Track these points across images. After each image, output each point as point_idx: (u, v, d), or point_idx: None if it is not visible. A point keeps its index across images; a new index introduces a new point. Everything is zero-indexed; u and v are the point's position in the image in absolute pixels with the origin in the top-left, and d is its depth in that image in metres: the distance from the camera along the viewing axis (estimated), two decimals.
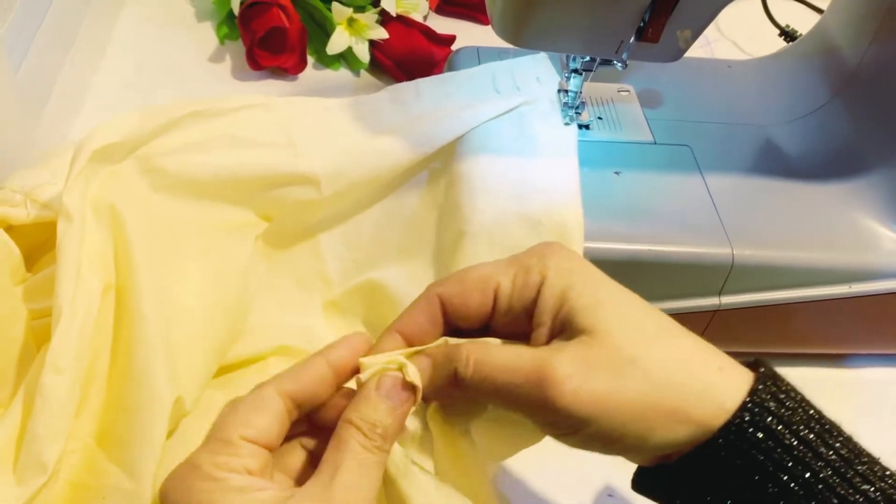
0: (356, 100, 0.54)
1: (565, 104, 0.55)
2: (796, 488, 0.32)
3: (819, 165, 0.56)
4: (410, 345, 0.36)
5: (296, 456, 0.35)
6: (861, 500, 0.32)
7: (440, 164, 0.52)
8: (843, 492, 0.32)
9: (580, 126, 0.57)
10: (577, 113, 0.55)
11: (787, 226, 0.53)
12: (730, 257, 0.50)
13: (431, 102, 0.54)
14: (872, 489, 0.32)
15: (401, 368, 0.34)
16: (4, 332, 0.43)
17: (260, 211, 0.51)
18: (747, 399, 0.33)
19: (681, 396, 0.33)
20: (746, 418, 0.33)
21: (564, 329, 0.34)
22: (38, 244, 0.48)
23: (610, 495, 0.51)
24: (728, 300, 0.52)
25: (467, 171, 0.50)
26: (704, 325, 0.53)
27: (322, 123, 0.51)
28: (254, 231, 0.50)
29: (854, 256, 0.52)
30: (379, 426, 0.33)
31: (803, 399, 0.34)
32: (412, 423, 0.36)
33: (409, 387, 0.34)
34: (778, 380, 0.34)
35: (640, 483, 0.38)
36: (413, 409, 0.35)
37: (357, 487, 0.32)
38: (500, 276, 0.36)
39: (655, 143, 0.57)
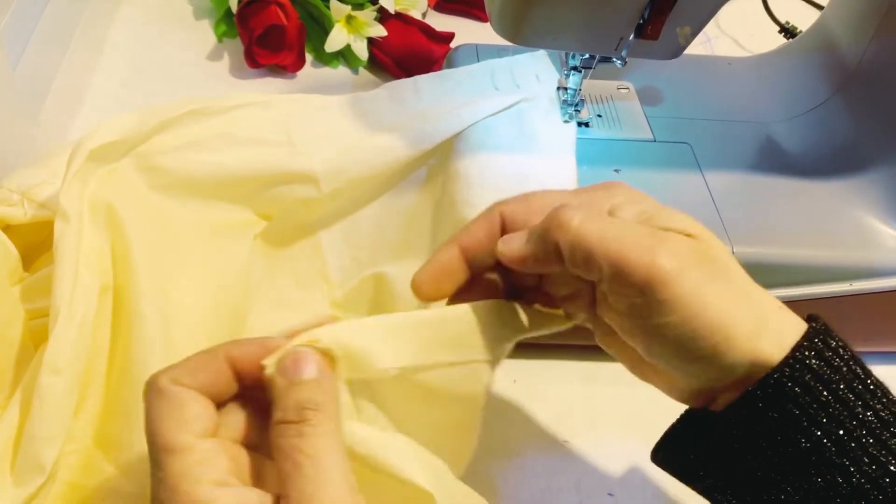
0: (355, 97, 0.54)
1: (564, 102, 0.55)
2: (829, 445, 0.33)
3: (819, 163, 0.55)
4: (468, 259, 0.36)
5: (237, 414, 0.33)
6: (893, 461, 0.32)
7: (438, 161, 0.52)
8: (875, 452, 0.32)
9: (579, 124, 0.57)
10: (576, 110, 0.55)
11: (788, 223, 0.53)
12: None
13: (430, 100, 0.54)
14: None
15: (311, 344, 0.32)
16: (2, 333, 0.42)
17: (259, 209, 0.51)
18: (789, 355, 0.33)
19: (761, 319, 0.33)
20: (787, 372, 0.33)
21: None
22: (35, 244, 0.48)
23: (610, 494, 0.51)
24: None
25: (464, 167, 0.50)
26: None
27: (321, 121, 0.51)
28: (253, 230, 0.50)
29: (855, 254, 0.52)
30: (307, 404, 0.30)
31: (852, 358, 0.34)
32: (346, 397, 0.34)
33: (326, 354, 0.32)
34: (829, 336, 0.34)
35: (665, 450, 0.38)
36: (343, 378, 0.33)
37: (325, 489, 0.29)
38: (566, 200, 0.35)
39: (655, 141, 0.57)
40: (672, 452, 0.38)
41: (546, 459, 0.52)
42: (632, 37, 0.47)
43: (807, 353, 0.33)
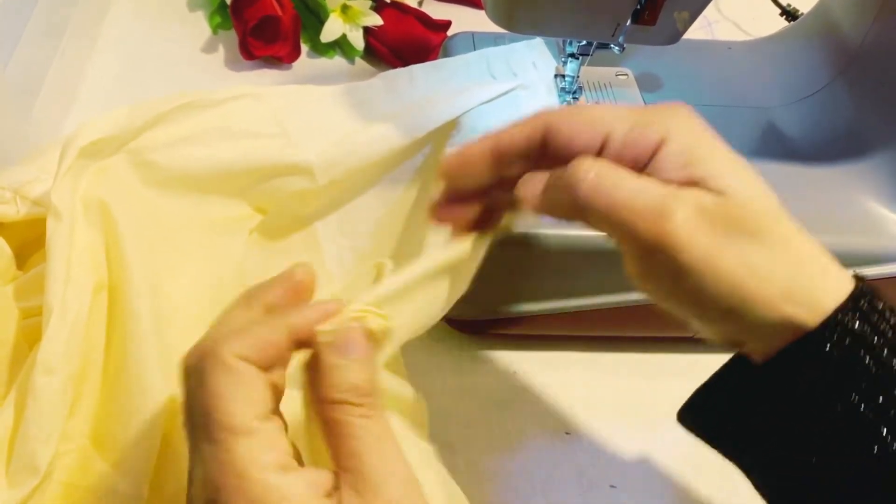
0: (349, 87, 0.53)
1: (562, 89, 0.54)
2: (866, 411, 0.31)
3: (822, 148, 0.55)
4: (497, 157, 0.34)
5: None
6: None
7: (433, 149, 0.52)
8: None
9: None
10: (574, 98, 0.54)
11: (789, 210, 0.52)
12: None
13: (426, 89, 0.53)
14: None
15: (360, 319, 0.32)
16: None
17: (254, 203, 0.50)
18: (830, 316, 0.32)
19: (786, 285, 0.32)
20: (826, 335, 0.32)
21: (693, 186, 0.32)
22: (28, 241, 0.47)
23: (612, 486, 0.50)
24: None
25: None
26: None
27: (315, 112, 0.51)
28: (248, 224, 0.49)
29: (858, 240, 0.51)
30: (362, 386, 0.30)
31: None
32: None
33: (371, 335, 0.32)
34: (875, 298, 0.33)
35: (695, 407, 0.37)
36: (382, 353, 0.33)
37: (390, 464, 0.30)
38: (616, 122, 0.33)
39: None
40: (701, 409, 0.37)
41: (547, 451, 0.51)
42: (629, 22, 0.46)
43: (850, 314, 0.32)
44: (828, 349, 0.32)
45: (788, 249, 0.33)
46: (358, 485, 0.29)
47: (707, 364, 0.40)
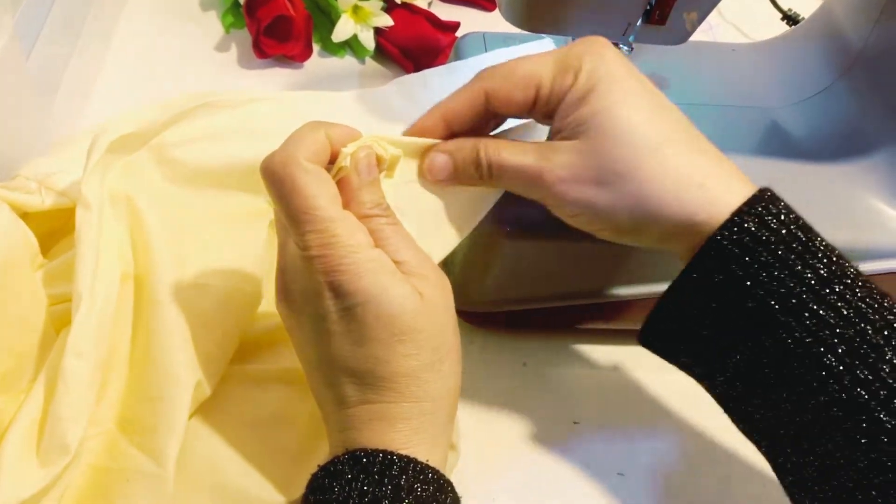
0: (365, 92, 0.54)
1: None
2: (773, 304, 0.35)
3: (824, 147, 0.56)
4: (449, 130, 0.42)
5: None
6: (833, 315, 0.34)
7: None
8: (815, 307, 0.34)
9: None
10: None
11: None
12: None
13: (439, 92, 0.54)
14: (847, 307, 0.34)
15: (371, 147, 0.39)
16: (26, 318, 0.43)
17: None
18: (728, 219, 0.36)
19: (653, 206, 0.37)
20: (725, 234, 0.35)
21: (577, 127, 0.38)
22: (52, 231, 0.49)
23: (620, 474, 0.51)
24: None
25: None
26: None
27: (333, 115, 0.52)
28: (267, 218, 0.51)
29: (860, 236, 0.52)
30: (381, 202, 0.38)
31: (795, 222, 0.36)
32: None
33: (381, 161, 0.39)
34: (773, 203, 0.36)
35: (649, 329, 0.41)
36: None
37: (423, 255, 0.38)
38: (543, 75, 0.39)
39: None
40: (655, 327, 0.41)
41: (556, 440, 0.52)
42: (639, 22, 0.47)
43: (745, 217, 0.35)
44: (728, 248, 0.35)
45: (667, 173, 0.37)
46: (414, 276, 0.37)
47: None
